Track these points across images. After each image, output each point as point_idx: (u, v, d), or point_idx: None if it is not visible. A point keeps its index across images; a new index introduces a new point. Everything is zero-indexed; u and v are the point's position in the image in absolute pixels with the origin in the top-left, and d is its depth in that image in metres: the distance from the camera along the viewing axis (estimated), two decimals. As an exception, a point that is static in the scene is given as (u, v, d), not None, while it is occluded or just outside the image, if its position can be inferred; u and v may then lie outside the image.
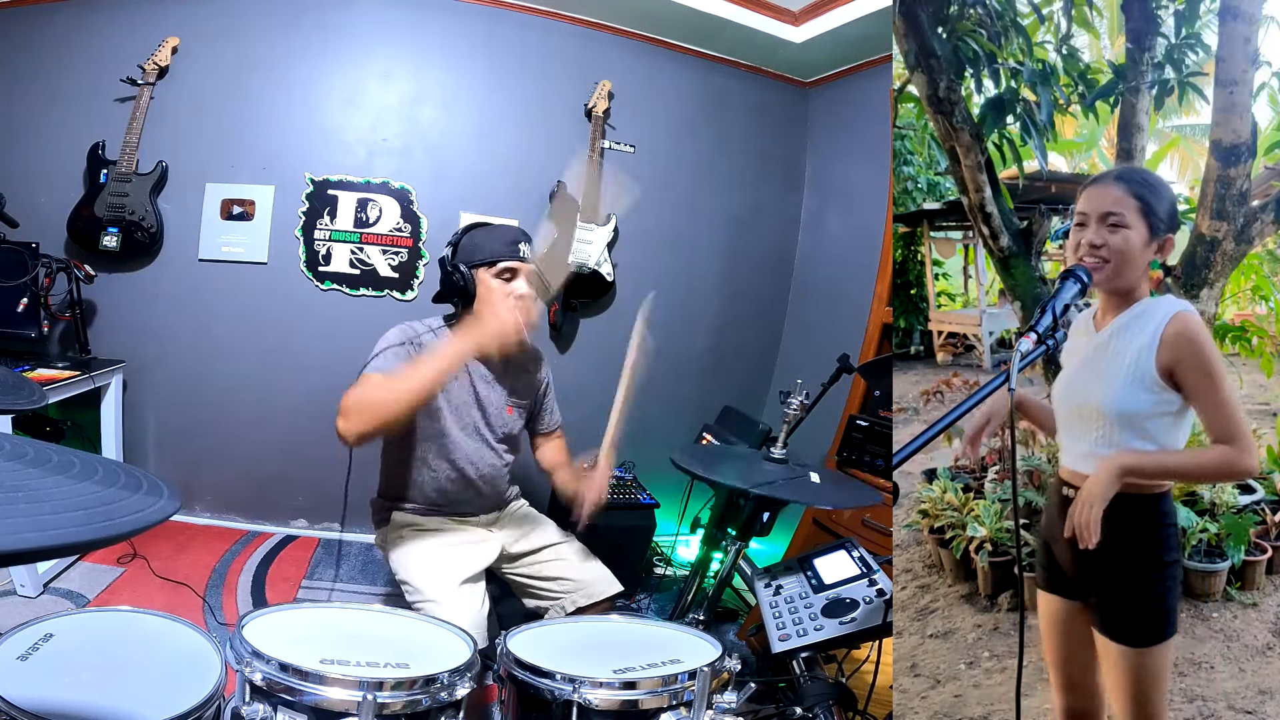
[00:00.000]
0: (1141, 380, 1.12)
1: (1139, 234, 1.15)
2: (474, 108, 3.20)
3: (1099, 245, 1.15)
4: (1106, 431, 1.15)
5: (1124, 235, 1.15)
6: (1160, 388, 1.12)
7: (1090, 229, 1.16)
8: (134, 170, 2.80)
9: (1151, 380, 1.12)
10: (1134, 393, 1.13)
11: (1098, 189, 1.18)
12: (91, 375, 2.56)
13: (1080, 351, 1.23)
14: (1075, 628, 1.26)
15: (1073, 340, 1.25)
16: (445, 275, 1.79)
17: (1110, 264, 1.15)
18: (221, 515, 3.14)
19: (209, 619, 2.36)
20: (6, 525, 0.60)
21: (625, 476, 3.06)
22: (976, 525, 2.29)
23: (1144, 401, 1.12)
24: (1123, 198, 1.15)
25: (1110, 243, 1.15)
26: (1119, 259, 1.15)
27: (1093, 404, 1.16)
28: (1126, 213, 1.14)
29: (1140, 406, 1.13)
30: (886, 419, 2.48)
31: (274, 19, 2.97)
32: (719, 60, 3.52)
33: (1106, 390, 1.15)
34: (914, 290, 6.03)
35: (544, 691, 1.16)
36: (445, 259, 1.78)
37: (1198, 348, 1.10)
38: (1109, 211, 1.15)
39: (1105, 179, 1.19)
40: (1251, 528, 2.13)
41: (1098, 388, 1.16)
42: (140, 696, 1.02)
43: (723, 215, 3.60)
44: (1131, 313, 1.18)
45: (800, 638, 1.51)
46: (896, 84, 2.44)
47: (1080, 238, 1.18)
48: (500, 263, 1.74)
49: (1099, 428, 1.16)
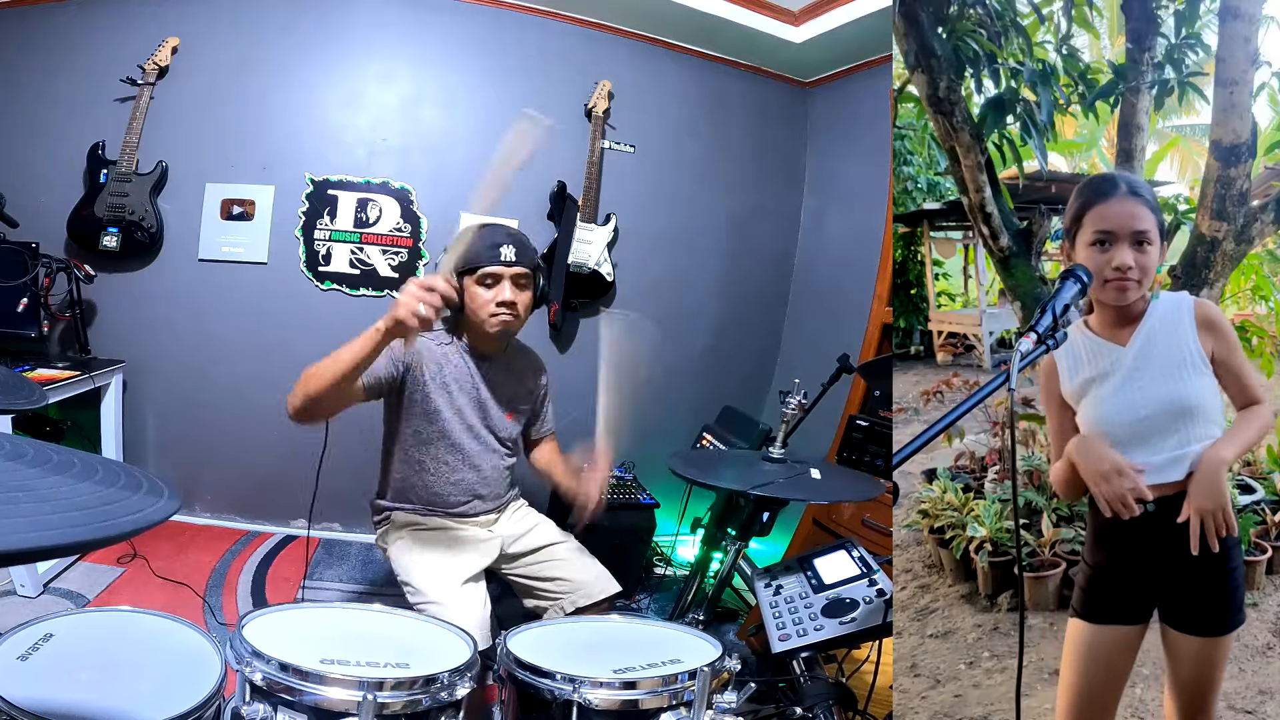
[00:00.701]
0: (1198, 369, 1.16)
1: (1158, 247, 1.15)
2: (474, 108, 3.20)
3: (1131, 266, 1.13)
4: (1187, 430, 1.15)
5: (1150, 253, 1.14)
6: (1209, 370, 1.17)
7: (1121, 250, 1.13)
8: (134, 170, 2.80)
9: (1205, 366, 1.16)
10: (1200, 382, 1.16)
11: (1118, 205, 1.14)
12: (91, 375, 2.56)
13: (1111, 370, 1.19)
14: (1117, 658, 1.22)
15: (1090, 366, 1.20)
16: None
17: (1140, 284, 1.14)
18: (221, 515, 3.14)
19: (209, 619, 2.36)
20: (6, 525, 0.60)
21: (625, 476, 3.06)
22: (976, 525, 2.29)
23: (1208, 387, 1.17)
24: (1145, 213, 1.14)
25: (1140, 263, 1.13)
26: (1147, 277, 1.15)
27: (1167, 409, 1.15)
28: (1150, 228, 1.14)
29: (1208, 392, 1.16)
30: (886, 419, 2.48)
31: (274, 19, 2.97)
32: (719, 60, 3.52)
33: (1176, 390, 1.15)
34: (914, 290, 6.03)
35: (544, 691, 1.16)
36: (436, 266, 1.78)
37: (1226, 325, 1.17)
38: (1138, 230, 1.13)
39: (1118, 192, 1.15)
40: (1251, 528, 2.13)
41: (1164, 389, 1.16)
42: (140, 696, 1.02)
43: (723, 215, 3.60)
44: (1156, 316, 1.18)
45: (800, 638, 1.51)
46: (896, 84, 2.44)
47: (1105, 258, 1.14)
48: (481, 269, 1.73)
49: (1179, 429, 1.15)
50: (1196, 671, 1.19)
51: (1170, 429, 1.15)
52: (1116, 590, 1.22)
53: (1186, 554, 1.13)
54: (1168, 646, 1.22)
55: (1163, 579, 1.19)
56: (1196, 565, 1.14)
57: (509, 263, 1.74)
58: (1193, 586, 1.17)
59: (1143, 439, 1.17)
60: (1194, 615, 1.18)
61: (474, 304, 1.75)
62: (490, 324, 1.75)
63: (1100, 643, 1.22)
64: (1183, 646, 1.19)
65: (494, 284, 1.74)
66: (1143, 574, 1.20)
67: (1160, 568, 1.18)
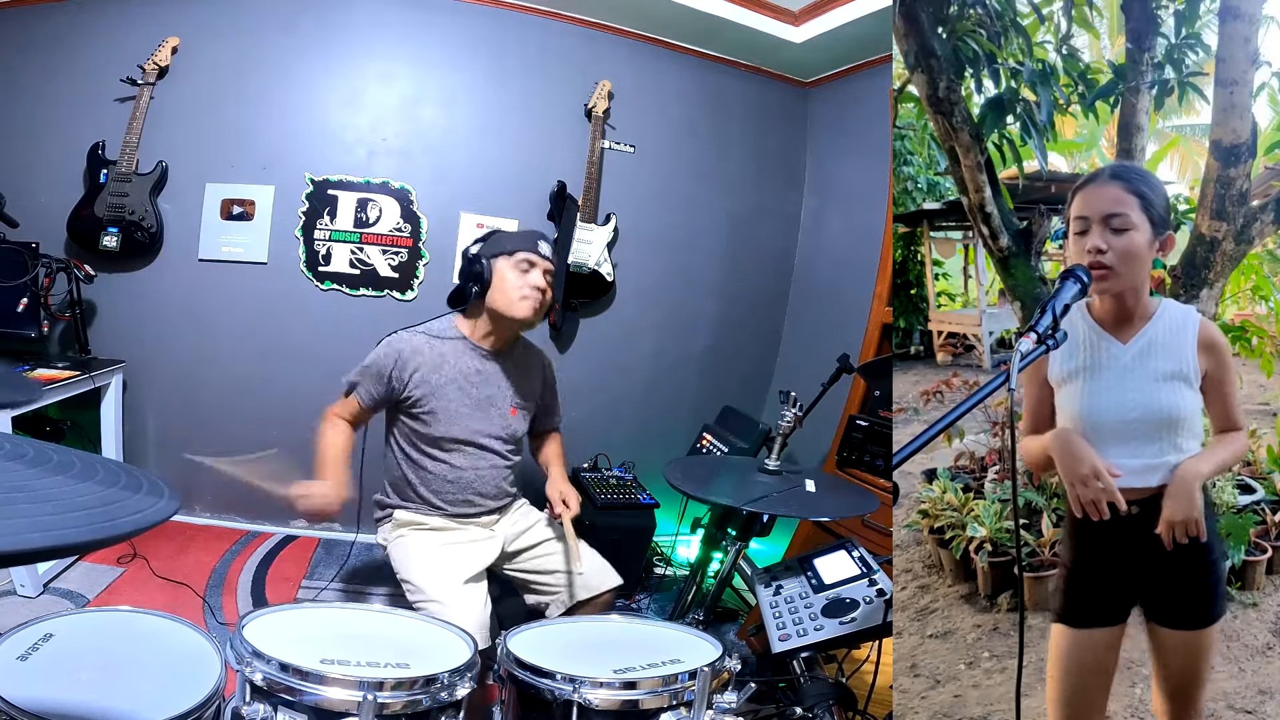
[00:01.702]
0: (1189, 383, 1.16)
1: (1143, 234, 1.12)
2: (474, 108, 3.20)
3: (1104, 250, 1.11)
4: (1169, 440, 1.15)
5: (1129, 237, 1.11)
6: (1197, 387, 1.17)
7: (1093, 233, 1.12)
8: (134, 170, 2.80)
9: (1196, 382, 1.17)
10: (1187, 396, 1.16)
11: (1094, 189, 1.14)
12: (91, 375, 2.56)
13: (1106, 365, 1.18)
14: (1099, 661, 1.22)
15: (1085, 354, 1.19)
16: (465, 264, 1.85)
17: (1116, 269, 1.12)
18: (221, 515, 3.14)
19: (209, 619, 2.35)
20: (7, 525, 0.60)
21: (625, 476, 3.06)
22: (976, 525, 2.29)
23: (1194, 401, 1.17)
24: (1123, 196, 1.12)
25: (1115, 246, 1.11)
26: (1125, 263, 1.12)
27: (1155, 417, 1.15)
28: (1129, 212, 1.11)
29: (1193, 407, 1.17)
30: (886, 419, 2.47)
31: (274, 19, 2.97)
32: (719, 60, 3.52)
33: (1168, 401, 1.15)
34: (914, 290, 6.03)
35: (544, 691, 1.16)
36: (467, 250, 1.86)
37: (1225, 350, 1.18)
38: (1111, 213, 1.11)
39: (1099, 178, 1.15)
40: (1251, 528, 2.13)
41: (1155, 396, 1.15)
42: (140, 696, 1.02)
43: (723, 215, 3.60)
44: (1163, 323, 1.17)
45: (800, 638, 1.51)
46: (896, 84, 2.44)
47: (1082, 244, 1.13)
48: (520, 253, 1.81)
49: (1161, 437, 1.15)
50: (1183, 665, 1.20)
51: (1153, 436, 1.16)
52: (1094, 592, 1.22)
53: (1165, 550, 1.14)
54: (1153, 642, 1.22)
55: (1142, 576, 1.20)
56: (1177, 559, 1.15)
57: (546, 256, 1.84)
58: (1174, 581, 1.18)
59: (1124, 441, 1.17)
60: (1177, 609, 1.19)
61: (504, 285, 1.81)
62: (520, 306, 1.81)
63: (1083, 647, 1.22)
64: (1168, 641, 1.20)
65: (529, 269, 1.82)
66: (1120, 573, 1.21)
67: (1139, 565, 1.19)
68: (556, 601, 1.88)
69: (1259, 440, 2.54)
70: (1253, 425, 2.80)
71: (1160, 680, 1.24)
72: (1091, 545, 1.23)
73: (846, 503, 1.80)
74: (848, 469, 2.51)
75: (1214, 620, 1.18)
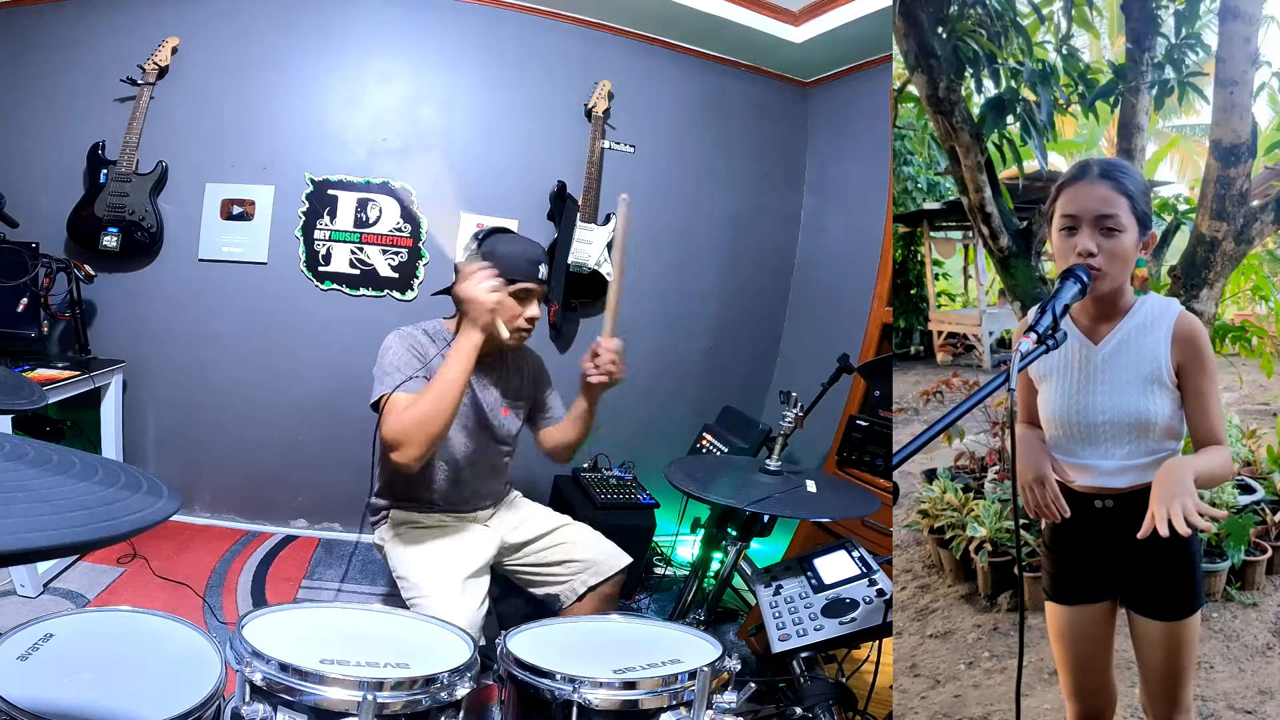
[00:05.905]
0: (1163, 384, 1.13)
1: (1132, 235, 1.11)
2: (474, 108, 3.20)
3: (1094, 252, 1.09)
4: (1141, 443, 1.14)
5: (1119, 239, 1.10)
6: (1174, 387, 1.13)
7: (1083, 234, 1.10)
8: (134, 170, 2.80)
9: (1171, 381, 1.13)
10: (1161, 398, 1.13)
11: (1083, 188, 1.11)
12: (91, 375, 2.56)
13: (1077, 366, 1.18)
14: (1094, 631, 1.24)
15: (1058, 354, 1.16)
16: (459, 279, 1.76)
17: (1105, 270, 1.10)
18: (221, 515, 3.14)
19: (209, 619, 2.36)
20: (7, 525, 0.60)
21: (625, 476, 3.06)
22: (976, 525, 2.29)
23: (1168, 403, 1.14)
24: (1113, 197, 1.10)
25: (1106, 248, 1.10)
26: (1115, 265, 1.11)
27: (1125, 417, 1.14)
28: (1120, 213, 1.09)
29: (1167, 409, 1.13)
30: (886, 419, 2.47)
31: (274, 19, 2.97)
32: (719, 60, 3.52)
33: (1138, 405, 1.13)
34: (914, 290, 6.04)
35: (544, 691, 1.16)
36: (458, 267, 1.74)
37: (1203, 348, 1.12)
38: (1103, 214, 1.09)
39: (1088, 175, 1.12)
40: (1251, 528, 2.13)
41: (1125, 400, 1.14)
42: (140, 696, 1.02)
43: (723, 215, 3.60)
44: (1135, 321, 1.15)
45: (800, 638, 1.52)
46: (896, 84, 2.44)
47: (1069, 243, 1.11)
48: (518, 283, 1.72)
49: (1133, 440, 1.14)
50: (1165, 657, 1.19)
51: (1124, 439, 1.15)
52: (1078, 574, 1.25)
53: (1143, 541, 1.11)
54: (1134, 633, 1.22)
55: (1120, 566, 1.20)
56: (1154, 549, 1.12)
57: (544, 280, 1.77)
58: (1152, 572, 1.18)
59: (1095, 443, 1.17)
60: (1155, 599, 1.18)
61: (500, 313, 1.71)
62: (514, 337, 1.75)
63: (1072, 620, 1.26)
64: (1148, 632, 1.19)
65: (526, 299, 1.75)
66: (1097, 561, 1.22)
67: (1115, 556, 1.19)
68: (568, 589, 1.88)
69: (1259, 440, 2.54)
70: (1253, 425, 2.80)
71: (1144, 675, 1.24)
72: (1067, 535, 1.25)
73: (847, 503, 1.79)
74: (848, 469, 2.51)
75: (1193, 611, 1.17)
